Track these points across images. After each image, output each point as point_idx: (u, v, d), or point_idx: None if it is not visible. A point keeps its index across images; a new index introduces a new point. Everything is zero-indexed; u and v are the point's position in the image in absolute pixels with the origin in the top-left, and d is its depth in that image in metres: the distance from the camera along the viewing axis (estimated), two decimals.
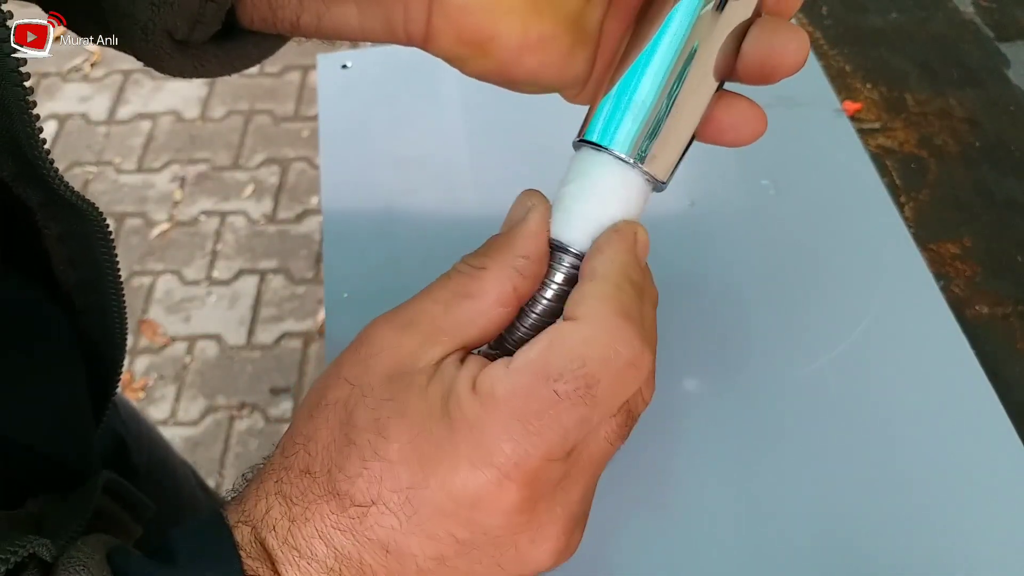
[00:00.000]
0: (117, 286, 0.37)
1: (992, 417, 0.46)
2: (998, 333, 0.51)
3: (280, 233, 1.73)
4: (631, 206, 0.28)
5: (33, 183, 0.30)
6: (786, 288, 0.52)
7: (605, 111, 0.27)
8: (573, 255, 0.27)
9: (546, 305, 0.27)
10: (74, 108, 1.97)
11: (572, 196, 0.27)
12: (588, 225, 0.27)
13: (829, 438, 0.46)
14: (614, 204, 0.27)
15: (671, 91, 0.27)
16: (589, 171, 0.27)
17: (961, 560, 0.42)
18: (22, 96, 0.27)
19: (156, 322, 1.61)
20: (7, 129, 0.28)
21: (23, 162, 0.29)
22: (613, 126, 0.27)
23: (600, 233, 0.27)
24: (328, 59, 0.68)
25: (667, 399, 0.49)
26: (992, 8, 0.70)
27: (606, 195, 0.27)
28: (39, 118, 0.28)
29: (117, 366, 0.40)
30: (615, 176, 0.27)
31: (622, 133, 0.27)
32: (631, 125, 0.27)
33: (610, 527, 0.44)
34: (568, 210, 0.27)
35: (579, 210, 0.27)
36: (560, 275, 0.27)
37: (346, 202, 0.59)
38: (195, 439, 1.46)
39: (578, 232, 0.27)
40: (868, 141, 0.61)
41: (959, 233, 0.56)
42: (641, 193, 0.28)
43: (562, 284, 0.27)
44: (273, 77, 2.00)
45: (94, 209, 0.33)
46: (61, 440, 0.36)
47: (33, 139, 0.28)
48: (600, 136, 0.27)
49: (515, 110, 0.61)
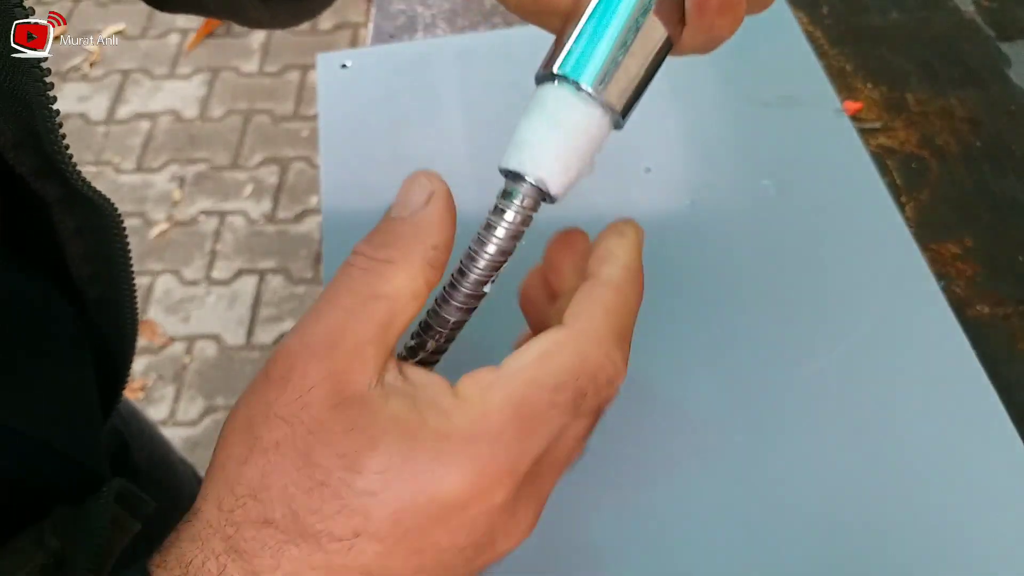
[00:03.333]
0: (130, 280, 0.37)
1: (992, 417, 0.46)
2: (999, 333, 0.51)
3: (279, 233, 1.73)
4: (590, 139, 0.27)
5: (52, 177, 0.30)
6: (786, 288, 0.52)
7: (569, 44, 0.27)
8: (530, 184, 0.26)
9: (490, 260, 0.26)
10: (73, 108, 1.97)
11: (532, 128, 0.27)
12: (547, 156, 0.26)
13: (829, 438, 0.46)
14: (574, 136, 0.27)
15: (635, 24, 0.26)
16: (549, 103, 0.27)
17: (961, 560, 0.42)
18: (43, 91, 0.27)
19: (155, 322, 1.61)
20: (27, 123, 0.28)
21: (42, 156, 0.29)
22: (575, 59, 0.26)
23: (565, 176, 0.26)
24: (328, 58, 0.68)
25: (667, 399, 0.49)
26: (993, 8, 0.69)
27: (568, 127, 0.27)
28: (59, 113, 0.28)
29: (127, 361, 0.40)
30: (577, 109, 0.27)
31: (584, 67, 0.26)
32: (594, 60, 0.26)
33: (610, 527, 0.44)
34: (527, 142, 0.27)
35: (540, 141, 0.27)
36: (512, 213, 0.26)
37: (346, 202, 0.59)
38: (194, 439, 1.46)
39: (537, 163, 0.26)
40: (869, 141, 0.61)
41: (960, 233, 0.56)
42: (601, 128, 0.27)
43: (519, 225, 0.26)
44: (272, 77, 2.00)
45: (109, 204, 0.33)
46: (72, 435, 0.36)
47: (53, 133, 0.28)
48: (562, 68, 0.27)
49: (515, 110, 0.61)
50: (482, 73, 0.65)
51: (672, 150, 0.59)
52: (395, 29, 0.72)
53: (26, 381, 0.33)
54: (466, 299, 0.27)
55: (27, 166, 0.29)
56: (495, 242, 0.27)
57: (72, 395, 0.36)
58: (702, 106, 0.62)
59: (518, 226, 0.27)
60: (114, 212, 0.33)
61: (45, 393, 0.34)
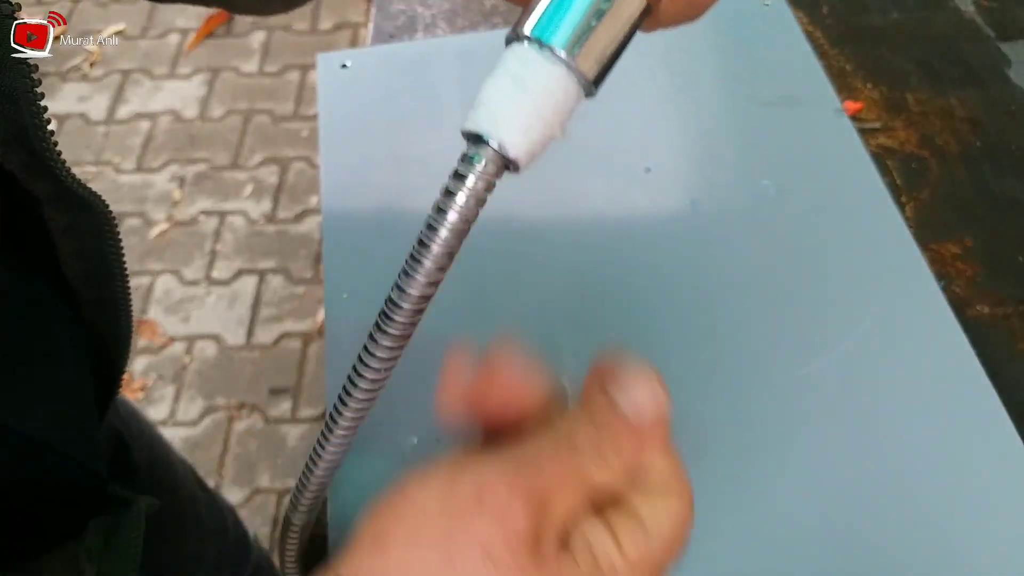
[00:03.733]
0: (124, 278, 0.37)
1: (993, 417, 0.46)
2: (999, 333, 0.51)
3: (279, 233, 1.73)
4: (557, 104, 0.26)
5: (41, 174, 0.30)
6: (786, 288, 0.52)
7: (541, 5, 0.26)
8: (492, 148, 0.25)
9: (452, 228, 0.25)
10: (73, 108, 1.97)
11: (496, 88, 0.26)
12: (511, 118, 0.25)
13: (829, 438, 0.46)
14: (541, 99, 0.25)
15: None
16: (514, 64, 0.26)
17: (961, 560, 0.42)
18: (30, 87, 0.27)
19: (155, 322, 1.61)
20: (15, 120, 0.28)
21: (31, 153, 0.29)
22: (546, 20, 0.25)
23: (528, 140, 0.25)
24: (328, 58, 0.68)
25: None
26: (993, 8, 0.69)
27: (535, 90, 0.25)
28: (46, 109, 0.28)
29: (122, 360, 0.40)
30: (544, 70, 0.25)
31: (555, 30, 0.25)
32: (566, 22, 0.25)
33: None
34: (490, 103, 0.26)
35: (503, 102, 0.26)
36: (473, 178, 0.25)
37: (346, 202, 0.59)
38: (194, 439, 1.46)
39: (499, 125, 0.25)
40: (869, 141, 0.61)
41: (960, 233, 0.56)
42: (569, 93, 0.26)
43: (481, 191, 0.25)
44: (272, 76, 2.00)
45: (101, 201, 0.33)
46: (69, 434, 0.36)
47: (41, 130, 0.28)
48: (532, 30, 0.25)
49: None
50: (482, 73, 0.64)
51: (672, 150, 0.59)
52: (395, 29, 0.72)
53: (22, 380, 0.33)
54: (426, 283, 0.26)
55: (16, 163, 0.29)
56: (456, 209, 0.25)
57: (68, 394, 0.36)
58: (702, 106, 0.62)
59: (480, 192, 0.25)
60: (105, 210, 0.33)
61: (41, 392, 0.34)
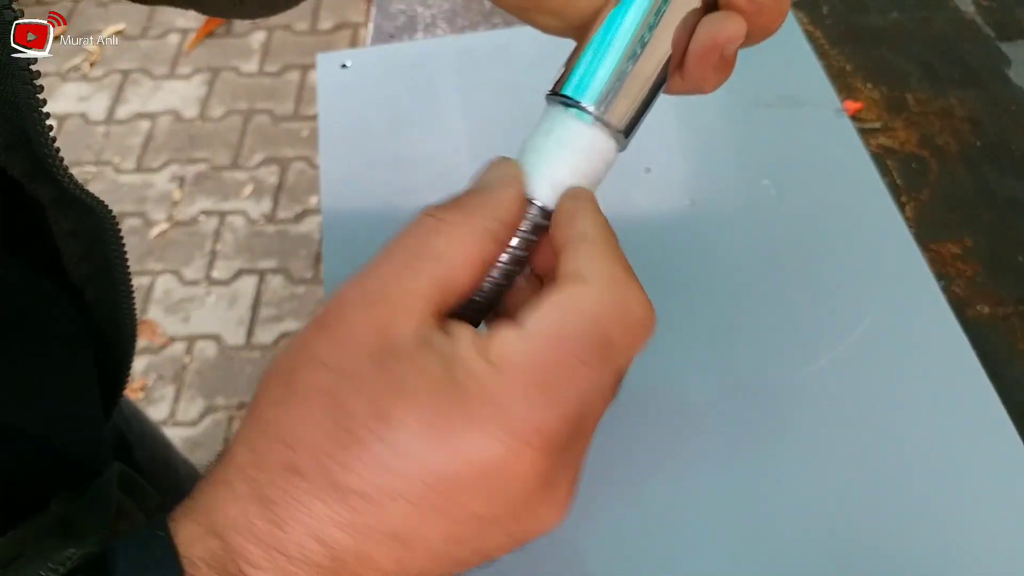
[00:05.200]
0: (127, 281, 0.37)
1: (993, 417, 0.46)
2: (999, 333, 0.51)
3: (279, 233, 1.73)
4: (598, 164, 0.28)
5: (43, 180, 0.31)
6: (786, 288, 0.52)
7: (579, 67, 0.28)
8: (538, 207, 0.27)
9: (514, 254, 0.27)
10: (73, 108, 1.97)
11: (540, 149, 0.28)
12: (555, 179, 0.27)
13: (829, 438, 0.46)
14: (583, 161, 0.28)
15: (641, 44, 0.27)
16: (559, 126, 0.28)
17: (961, 560, 0.42)
18: (32, 94, 0.27)
19: (155, 322, 1.61)
20: (18, 126, 0.28)
21: (33, 159, 0.29)
22: (585, 83, 0.27)
23: (564, 190, 0.27)
24: (328, 58, 0.68)
25: (666, 399, 0.49)
26: (993, 7, 0.69)
27: (576, 152, 0.27)
28: (49, 116, 0.29)
29: (127, 360, 0.40)
30: (584, 133, 0.28)
31: (592, 90, 0.27)
32: (600, 83, 0.27)
33: (609, 527, 0.44)
34: (536, 163, 0.28)
35: (547, 164, 0.28)
36: (528, 223, 0.27)
37: (346, 202, 0.59)
38: (194, 439, 1.46)
39: (545, 186, 0.27)
40: (869, 141, 0.61)
41: (960, 233, 0.56)
42: (607, 152, 0.28)
43: (529, 233, 0.28)
44: (272, 76, 2.00)
45: (103, 206, 0.33)
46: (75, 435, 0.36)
47: (43, 136, 0.29)
48: (574, 91, 0.27)
49: (515, 110, 0.61)
50: (482, 73, 0.65)
51: (672, 150, 0.59)
52: (395, 29, 0.72)
53: (28, 379, 0.33)
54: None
55: (19, 168, 0.30)
56: (499, 267, 0.27)
57: (74, 394, 0.36)
58: (702, 106, 0.62)
59: (522, 250, 0.27)
60: (108, 214, 0.33)
61: (48, 392, 0.34)
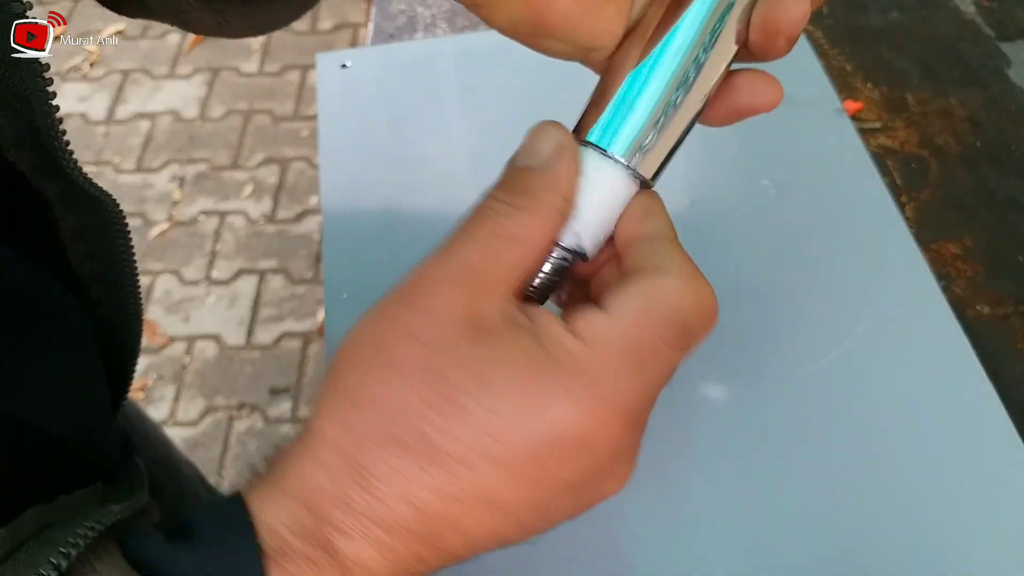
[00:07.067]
0: (134, 279, 0.37)
1: (993, 417, 0.46)
2: (999, 333, 0.51)
3: (279, 233, 1.73)
4: (621, 206, 0.29)
5: (51, 174, 0.31)
6: (786, 288, 0.52)
7: (609, 112, 0.28)
8: (563, 248, 0.28)
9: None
10: (73, 108, 1.97)
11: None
12: (580, 223, 0.28)
13: (829, 438, 0.46)
14: (609, 207, 0.28)
15: (673, 102, 0.28)
16: (587, 171, 0.28)
17: (961, 560, 0.42)
18: (42, 87, 0.28)
19: (155, 322, 1.61)
20: (27, 120, 0.28)
21: (42, 153, 0.29)
22: (614, 130, 0.28)
23: (595, 229, 0.28)
24: (327, 58, 0.68)
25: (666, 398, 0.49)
26: (993, 8, 0.69)
27: (603, 197, 0.28)
28: (58, 109, 0.29)
29: (133, 357, 0.40)
30: (612, 180, 0.28)
31: (622, 139, 0.28)
32: (630, 133, 0.28)
33: (608, 526, 0.44)
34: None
35: (578, 208, 0.28)
36: (540, 279, 0.28)
37: (346, 202, 0.59)
38: (194, 439, 1.46)
39: (573, 231, 0.28)
40: (869, 141, 0.61)
41: (960, 233, 0.56)
42: (631, 194, 0.29)
43: (552, 274, 0.28)
44: (272, 77, 2.00)
45: (112, 201, 0.33)
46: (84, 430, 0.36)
47: (53, 129, 0.29)
48: (600, 138, 0.28)
49: (515, 111, 0.61)
50: (482, 73, 0.65)
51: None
52: (395, 29, 0.72)
53: (37, 375, 0.33)
54: None
55: (27, 163, 0.30)
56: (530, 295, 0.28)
57: (82, 391, 0.36)
58: None
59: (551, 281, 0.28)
60: (116, 208, 0.33)
61: (56, 387, 0.34)
